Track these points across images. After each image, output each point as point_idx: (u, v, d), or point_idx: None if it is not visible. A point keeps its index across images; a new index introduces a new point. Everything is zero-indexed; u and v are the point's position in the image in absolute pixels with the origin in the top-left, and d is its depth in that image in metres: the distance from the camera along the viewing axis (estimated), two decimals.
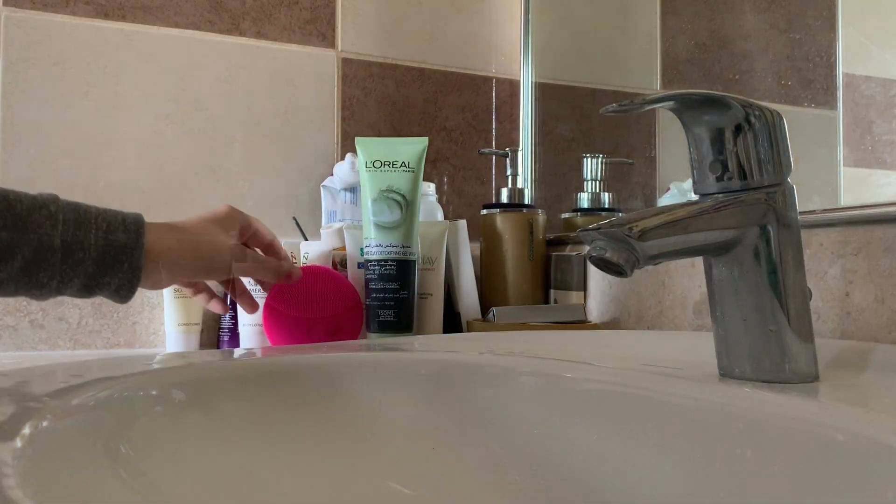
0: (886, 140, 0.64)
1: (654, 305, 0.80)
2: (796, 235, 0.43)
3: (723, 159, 0.43)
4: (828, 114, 0.69)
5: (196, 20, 1.02)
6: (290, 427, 0.51)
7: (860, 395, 0.41)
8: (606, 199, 0.99)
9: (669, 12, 0.95)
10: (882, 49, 0.66)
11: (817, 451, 0.35)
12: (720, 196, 0.43)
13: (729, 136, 0.42)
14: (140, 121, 0.99)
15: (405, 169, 0.85)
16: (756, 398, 0.39)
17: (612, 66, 1.06)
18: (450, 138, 1.15)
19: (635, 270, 0.40)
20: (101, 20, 0.98)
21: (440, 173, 1.14)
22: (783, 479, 0.37)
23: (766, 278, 0.42)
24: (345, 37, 1.09)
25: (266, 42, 1.05)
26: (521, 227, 0.97)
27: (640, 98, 0.39)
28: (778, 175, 0.43)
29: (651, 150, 0.97)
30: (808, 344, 0.44)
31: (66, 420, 0.37)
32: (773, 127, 0.43)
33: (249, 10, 1.05)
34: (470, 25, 1.17)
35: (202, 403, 0.49)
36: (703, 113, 0.42)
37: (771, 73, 0.75)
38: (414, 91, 1.13)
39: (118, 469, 0.39)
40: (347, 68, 1.09)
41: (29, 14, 0.95)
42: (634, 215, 0.40)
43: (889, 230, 0.55)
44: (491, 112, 1.17)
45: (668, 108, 0.41)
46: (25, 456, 0.31)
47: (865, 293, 0.57)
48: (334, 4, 1.09)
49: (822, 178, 0.68)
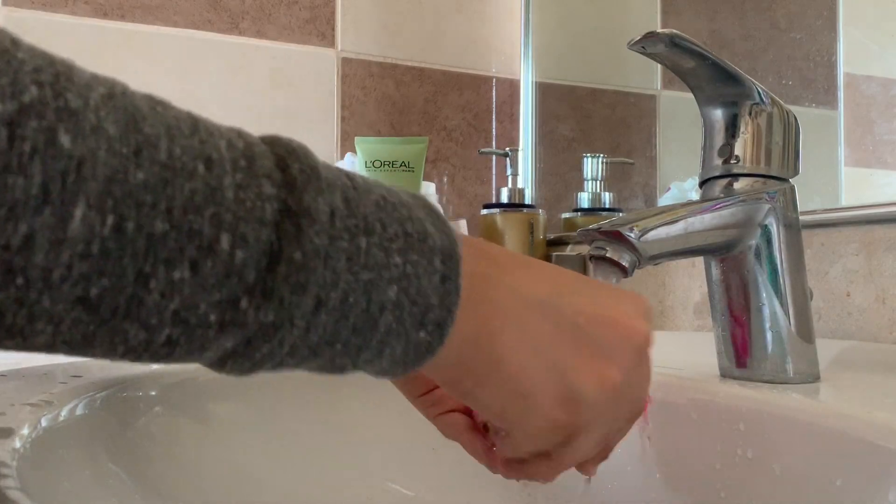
0: (887, 140, 0.64)
1: (654, 305, 0.80)
2: (797, 235, 0.43)
3: (733, 144, 0.42)
4: (828, 113, 0.69)
5: (195, 20, 1.02)
6: (290, 428, 0.51)
7: (861, 396, 0.40)
8: (606, 199, 0.99)
9: (669, 12, 0.95)
10: (882, 49, 0.66)
11: (818, 452, 0.35)
12: (723, 181, 0.43)
13: (743, 120, 0.42)
14: None
15: (405, 169, 0.84)
16: (756, 398, 0.39)
17: (612, 66, 1.06)
18: (450, 138, 1.15)
19: (636, 270, 0.40)
20: (100, 20, 0.98)
21: (440, 173, 1.14)
22: (783, 479, 0.37)
23: (767, 278, 0.42)
24: (344, 36, 1.09)
25: (266, 41, 1.05)
26: (522, 227, 0.97)
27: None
28: (783, 170, 0.43)
29: (651, 150, 0.97)
30: (809, 344, 0.44)
31: (65, 420, 0.37)
32: (788, 125, 0.43)
33: (249, 10, 1.04)
34: (470, 25, 1.17)
35: (202, 404, 0.49)
36: (720, 91, 0.42)
37: (772, 73, 0.75)
38: (414, 91, 1.13)
39: (118, 469, 0.39)
40: (347, 68, 1.09)
41: (29, 13, 0.95)
42: (635, 215, 0.40)
43: (890, 230, 0.55)
44: (491, 112, 1.17)
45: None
46: (25, 456, 0.31)
47: (866, 293, 0.57)
48: (334, 4, 1.09)
49: (823, 177, 0.68)
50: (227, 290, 0.21)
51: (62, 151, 0.18)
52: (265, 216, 0.21)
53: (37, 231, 0.18)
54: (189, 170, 0.20)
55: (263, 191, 0.21)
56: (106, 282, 0.19)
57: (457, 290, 0.26)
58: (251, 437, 0.49)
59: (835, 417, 0.35)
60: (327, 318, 0.23)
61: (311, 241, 0.22)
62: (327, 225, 0.23)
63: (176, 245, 0.20)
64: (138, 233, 0.19)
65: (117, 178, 0.19)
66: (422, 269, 0.25)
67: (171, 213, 0.20)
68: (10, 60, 0.18)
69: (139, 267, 0.19)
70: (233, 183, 0.21)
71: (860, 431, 0.33)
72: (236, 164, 0.21)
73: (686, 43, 0.39)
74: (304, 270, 0.22)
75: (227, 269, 0.21)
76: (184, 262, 0.20)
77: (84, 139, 0.18)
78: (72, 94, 0.19)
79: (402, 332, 0.25)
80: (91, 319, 0.20)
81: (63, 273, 0.19)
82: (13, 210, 0.17)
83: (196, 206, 0.20)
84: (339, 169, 0.25)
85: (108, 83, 0.20)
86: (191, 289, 0.20)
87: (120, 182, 0.19)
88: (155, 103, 0.21)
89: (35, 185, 0.18)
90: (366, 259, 0.24)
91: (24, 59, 0.18)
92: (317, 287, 0.22)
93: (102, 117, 0.19)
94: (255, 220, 0.21)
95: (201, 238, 0.20)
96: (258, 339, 0.22)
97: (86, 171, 0.18)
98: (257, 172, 0.22)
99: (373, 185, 0.25)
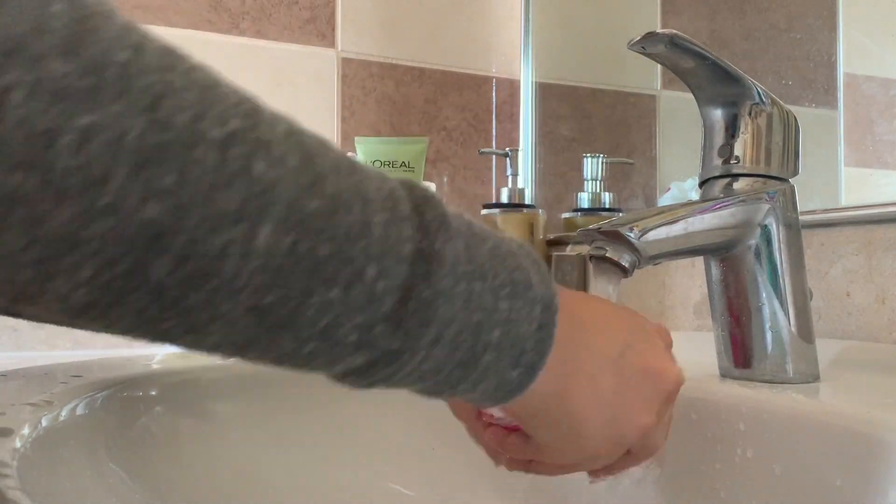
0: (887, 140, 0.64)
1: (654, 305, 0.80)
2: (797, 235, 0.43)
3: (733, 144, 0.42)
4: (828, 113, 0.69)
5: (196, 20, 1.02)
6: (290, 427, 0.51)
7: (861, 396, 0.41)
8: (606, 199, 0.99)
9: (669, 12, 0.95)
10: (882, 49, 0.66)
11: (818, 452, 0.35)
12: (723, 181, 0.43)
13: (743, 120, 0.42)
14: None
15: (405, 169, 0.84)
16: (756, 398, 0.39)
17: (612, 66, 1.06)
18: (450, 138, 1.15)
19: (636, 270, 0.40)
20: None
21: (440, 173, 1.14)
22: (784, 479, 0.37)
23: (767, 278, 0.42)
24: (344, 36, 1.09)
25: (266, 42, 1.05)
26: (522, 228, 0.97)
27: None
28: (783, 170, 0.43)
29: (651, 150, 0.97)
30: (809, 344, 0.44)
31: (66, 420, 0.37)
32: (787, 126, 0.43)
33: (249, 10, 1.04)
34: (470, 25, 1.17)
35: (202, 404, 0.49)
36: (720, 91, 0.42)
37: (771, 73, 0.75)
38: (414, 91, 1.13)
39: (118, 469, 0.39)
40: (347, 68, 1.09)
41: None
42: (634, 215, 0.40)
43: (890, 230, 0.55)
44: (491, 112, 1.17)
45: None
46: (26, 456, 0.31)
47: (866, 293, 0.57)
48: (334, 4, 1.09)
49: (823, 177, 0.68)
50: (368, 315, 0.24)
51: (257, 177, 0.21)
52: (404, 254, 0.24)
53: (231, 242, 0.20)
54: (349, 205, 0.23)
55: (404, 232, 0.25)
56: (277, 293, 0.22)
57: (550, 338, 0.29)
58: (251, 437, 0.49)
59: (835, 417, 0.35)
60: (440, 351, 0.26)
61: (438, 282, 0.25)
62: (452, 269, 0.26)
63: (335, 268, 0.23)
64: (308, 253, 0.22)
65: (296, 204, 0.22)
66: (523, 316, 0.28)
67: (334, 240, 0.22)
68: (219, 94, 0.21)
69: (305, 283, 0.22)
70: (381, 221, 0.24)
71: (860, 431, 0.33)
72: (384, 205, 0.24)
73: (686, 43, 0.39)
74: (431, 308, 0.25)
75: (370, 295, 0.24)
76: (339, 284, 0.23)
77: (273, 168, 0.21)
78: (264, 126, 0.21)
79: (498, 370, 0.28)
80: (257, 326, 0.22)
81: (244, 282, 0.21)
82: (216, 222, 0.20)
83: (353, 236, 0.23)
84: (461, 216, 0.28)
85: (286, 120, 0.23)
86: (340, 308, 0.23)
87: (298, 208, 0.22)
88: (321, 142, 0.24)
89: (234, 202, 0.20)
90: (479, 301, 0.27)
91: (228, 93, 0.21)
92: (438, 323, 0.25)
93: (287, 150, 0.22)
94: (396, 256, 0.24)
95: (353, 265, 0.23)
96: (382, 362, 0.25)
97: (273, 196, 0.21)
98: (399, 215, 0.25)
99: (488, 234, 0.29)
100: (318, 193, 0.22)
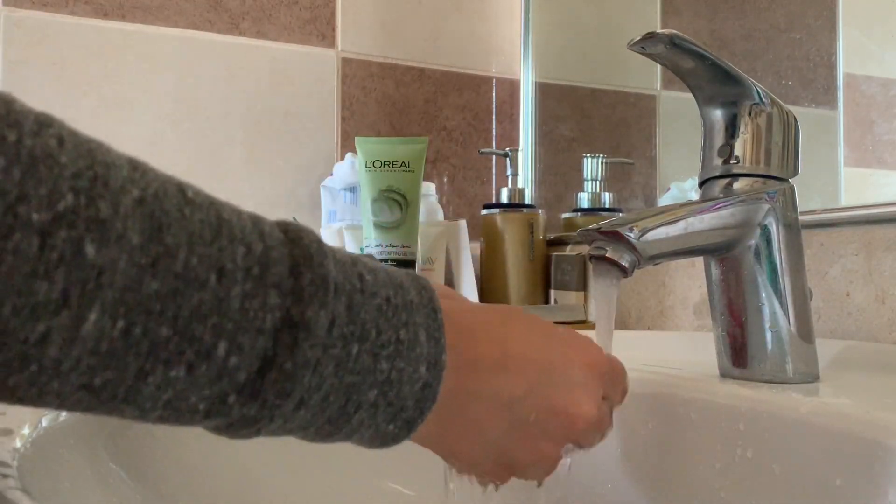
0: (887, 140, 0.64)
1: (654, 306, 0.80)
2: (797, 235, 0.43)
3: (733, 144, 0.42)
4: (828, 113, 0.69)
5: (196, 20, 1.02)
6: None
7: (860, 396, 0.40)
8: (606, 199, 0.99)
9: (669, 12, 0.95)
10: (882, 49, 0.66)
11: (818, 452, 0.35)
12: (723, 182, 0.43)
13: (743, 120, 0.42)
14: (140, 121, 0.99)
15: (405, 169, 0.85)
16: (756, 398, 0.39)
17: (612, 66, 1.06)
18: (450, 138, 1.15)
19: (636, 270, 0.40)
20: (100, 20, 0.98)
21: (440, 173, 1.14)
22: (783, 479, 0.37)
23: (767, 278, 0.42)
24: (344, 37, 1.09)
25: (266, 42, 1.05)
26: (522, 227, 0.97)
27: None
28: (783, 170, 0.43)
29: (651, 150, 0.97)
30: (809, 344, 0.44)
31: (66, 420, 0.37)
32: (787, 126, 0.43)
33: (249, 10, 1.04)
34: (470, 25, 1.17)
35: None
36: (720, 92, 0.42)
37: (771, 73, 0.75)
38: (414, 91, 1.13)
39: (118, 469, 0.39)
40: (347, 68, 1.09)
41: (29, 14, 0.95)
42: (634, 215, 0.40)
43: (890, 230, 0.55)
44: (491, 112, 1.17)
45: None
46: (26, 456, 0.31)
47: (866, 293, 0.57)
48: (334, 4, 1.09)
49: (823, 177, 0.68)
50: (218, 388, 0.23)
51: (86, 261, 0.19)
52: (265, 326, 0.23)
53: (53, 330, 0.19)
54: (201, 280, 0.22)
55: (269, 301, 0.23)
56: (109, 374, 0.21)
57: (433, 396, 0.28)
58: None
59: (834, 417, 0.35)
60: (305, 414, 0.26)
61: (303, 353, 0.24)
62: (324, 337, 0.25)
63: (176, 349, 0.22)
64: (144, 337, 0.21)
65: (132, 286, 0.20)
66: (406, 376, 0.27)
67: (176, 321, 0.21)
68: (53, 166, 0.19)
69: (140, 365, 0.21)
70: (240, 293, 0.23)
71: (860, 431, 0.33)
72: (249, 273, 0.23)
73: (686, 43, 0.39)
74: (292, 380, 0.24)
75: (219, 371, 0.23)
76: (181, 364, 0.22)
77: (108, 249, 0.20)
78: (104, 202, 0.20)
79: (371, 425, 0.28)
80: (92, 400, 0.22)
81: (72, 365, 0.20)
82: (34, 311, 0.19)
83: (202, 315, 0.22)
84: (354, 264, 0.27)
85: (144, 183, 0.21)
86: (184, 385, 0.22)
87: (134, 291, 0.20)
88: (185, 203, 0.22)
89: (56, 291, 0.19)
90: (354, 364, 0.26)
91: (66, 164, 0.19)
92: (301, 392, 0.25)
93: (129, 227, 0.20)
94: (254, 330, 0.23)
95: (200, 344, 0.22)
96: (239, 425, 0.25)
97: (104, 280, 0.20)
98: (267, 282, 0.23)
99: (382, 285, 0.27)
100: (160, 273, 0.21)
